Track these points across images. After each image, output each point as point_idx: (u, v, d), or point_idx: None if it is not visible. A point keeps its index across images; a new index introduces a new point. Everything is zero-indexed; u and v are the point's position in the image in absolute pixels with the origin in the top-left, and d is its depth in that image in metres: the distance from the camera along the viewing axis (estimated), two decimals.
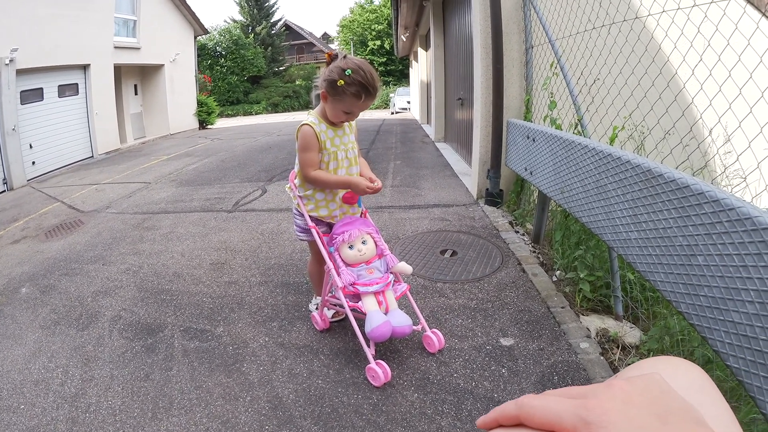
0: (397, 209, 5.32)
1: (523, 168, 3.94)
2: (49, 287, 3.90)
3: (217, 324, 3.05)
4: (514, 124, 4.28)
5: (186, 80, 18.63)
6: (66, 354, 2.85)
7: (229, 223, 5.26)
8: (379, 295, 2.42)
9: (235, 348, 2.77)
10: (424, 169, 7.59)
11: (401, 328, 2.33)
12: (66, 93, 11.68)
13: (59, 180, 9.65)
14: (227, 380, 2.50)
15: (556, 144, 3.10)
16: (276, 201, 6.10)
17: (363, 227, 2.55)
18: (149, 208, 6.28)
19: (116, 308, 3.41)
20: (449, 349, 2.61)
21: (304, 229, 2.68)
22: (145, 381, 2.55)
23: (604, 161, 2.39)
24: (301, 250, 4.18)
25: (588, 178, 2.58)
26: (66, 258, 4.61)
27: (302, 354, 2.65)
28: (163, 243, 4.76)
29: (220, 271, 3.90)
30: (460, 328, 2.82)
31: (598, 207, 2.47)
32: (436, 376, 2.40)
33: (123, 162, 11.06)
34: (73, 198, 7.53)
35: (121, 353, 2.83)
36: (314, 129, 2.39)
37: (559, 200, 3.09)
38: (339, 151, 2.48)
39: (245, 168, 8.74)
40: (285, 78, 40.72)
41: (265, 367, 2.56)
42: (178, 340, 2.92)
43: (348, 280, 2.40)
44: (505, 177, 4.91)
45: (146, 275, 3.96)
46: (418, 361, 2.52)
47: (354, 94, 2.22)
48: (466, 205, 5.29)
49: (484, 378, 2.36)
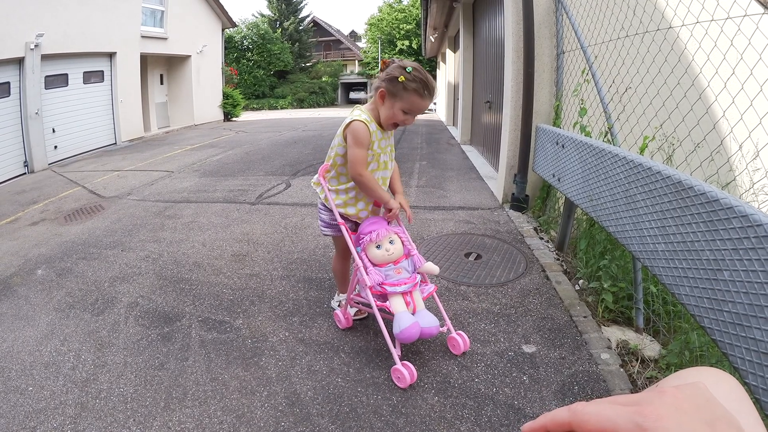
0: (422, 210, 5.25)
1: (551, 174, 3.89)
2: (66, 270, 3.92)
3: (236, 316, 3.01)
4: (543, 129, 4.22)
5: (212, 72, 18.80)
6: (79, 338, 2.85)
7: (252, 215, 5.24)
8: (406, 295, 2.37)
9: (253, 341, 2.72)
10: (449, 171, 7.52)
11: (429, 329, 2.28)
12: (91, 80, 11.85)
13: (81, 165, 9.79)
14: (244, 374, 2.45)
15: (585, 151, 3.05)
16: (300, 195, 6.07)
17: (390, 227, 2.51)
18: (171, 197, 6.31)
19: (133, 295, 3.40)
20: (471, 354, 2.54)
21: (329, 224, 2.62)
22: (160, 370, 2.52)
23: (634, 171, 2.37)
24: (324, 246, 4.14)
25: (617, 188, 2.57)
26: (84, 242, 4.63)
27: (322, 351, 2.60)
28: (184, 232, 4.76)
29: (241, 263, 3.87)
30: (483, 332, 2.75)
31: (626, 217, 2.45)
32: (457, 380, 2.34)
33: (146, 150, 11.19)
34: (94, 183, 7.62)
35: (137, 340, 2.81)
36: (368, 127, 2.36)
37: (587, 208, 3.04)
38: (383, 153, 2.47)
39: (269, 161, 8.75)
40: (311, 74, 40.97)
41: (284, 363, 2.51)
42: (195, 330, 2.89)
43: (376, 280, 2.35)
44: (531, 182, 4.88)
45: (165, 263, 3.95)
46: (440, 364, 2.45)
47: (415, 90, 2.24)
48: (492, 209, 5.20)
49: (505, 384, 2.29)
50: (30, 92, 9.51)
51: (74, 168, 9.47)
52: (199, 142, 12.21)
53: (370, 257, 2.45)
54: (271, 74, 37.34)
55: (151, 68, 15.62)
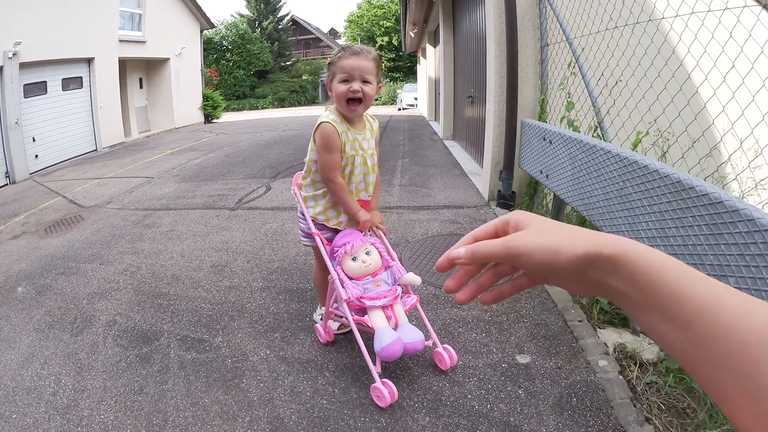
0: (406, 210, 5.09)
1: (539, 170, 3.76)
2: (45, 287, 3.73)
3: (215, 333, 2.85)
4: (529, 124, 4.08)
5: (192, 74, 18.44)
6: (59, 361, 2.70)
7: (232, 222, 5.05)
8: (387, 309, 2.21)
9: (234, 361, 2.56)
10: (432, 168, 7.35)
11: (413, 345, 2.13)
12: (70, 86, 11.50)
13: (62, 174, 9.47)
14: (225, 397, 2.30)
15: (575, 147, 2.92)
16: (280, 199, 5.88)
17: (365, 238, 2.36)
18: (151, 204, 6.09)
19: (111, 312, 3.23)
20: (463, 367, 2.40)
21: (307, 233, 2.47)
22: (139, 394, 2.38)
23: (629, 169, 2.24)
24: (305, 253, 3.97)
25: (610, 186, 2.43)
26: (64, 256, 4.43)
27: (306, 370, 2.44)
28: (163, 242, 4.56)
29: (220, 275, 3.69)
30: (474, 343, 2.61)
31: (621, 217, 2.33)
32: (449, 397, 2.20)
33: (127, 156, 10.87)
34: (74, 192, 7.34)
35: (115, 362, 2.66)
36: (336, 128, 2.20)
37: (578, 206, 2.91)
38: (357, 155, 2.29)
39: (250, 164, 8.53)
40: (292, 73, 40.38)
41: (266, 384, 2.36)
42: (174, 350, 2.73)
43: (354, 294, 2.19)
44: (517, 179, 4.69)
45: (144, 277, 3.76)
46: (429, 380, 2.31)
47: (339, 57, 2.17)
48: (477, 207, 5.06)
49: (499, 400, 2.16)
50: (9, 101, 9.19)
51: (55, 177, 9.15)
52: (180, 146, 11.89)
53: (346, 270, 2.28)
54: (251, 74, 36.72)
55: (130, 72, 15.22)
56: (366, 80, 2.15)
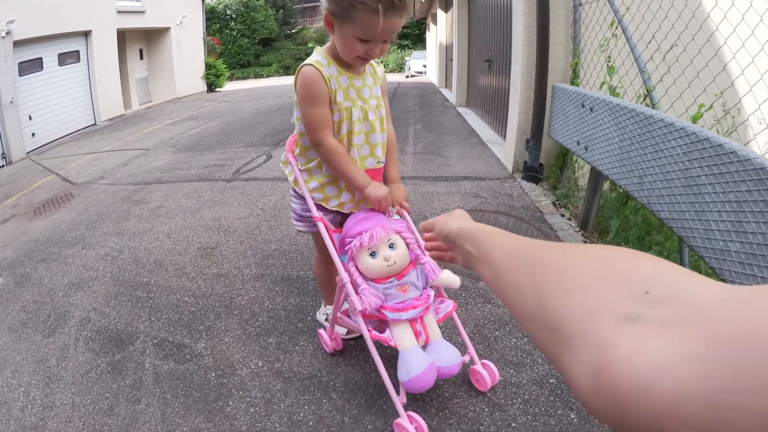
0: (422, 181, 4.47)
1: (575, 141, 3.20)
2: (24, 277, 3.28)
3: (198, 336, 2.31)
4: (562, 89, 3.48)
5: (193, 43, 17.66)
6: (29, 368, 2.30)
7: (227, 195, 4.47)
8: (416, 322, 1.61)
9: (218, 375, 2.02)
10: (447, 136, 6.64)
11: (448, 369, 1.57)
12: (67, 61, 10.85)
13: (59, 150, 8.90)
14: (206, 425, 1.78)
15: (625, 117, 2.45)
16: (281, 168, 5.26)
17: (388, 223, 1.67)
18: (143, 178, 5.53)
19: (86, 307, 2.76)
20: (504, 384, 1.85)
21: (302, 216, 1.88)
22: (109, 416, 1.92)
23: (697, 147, 1.88)
24: None
25: (672, 165, 2.06)
26: (48, 240, 3.95)
27: (307, 389, 1.88)
28: (150, 220, 4.01)
29: (208, 259, 3.13)
30: (514, 351, 2.05)
31: (686, 203, 1.98)
32: (489, 426, 1.66)
33: (125, 128, 10.24)
34: (68, 169, 6.80)
35: (85, 372, 2.21)
36: (321, 72, 1.56)
37: (628, 186, 2.46)
38: (355, 107, 1.65)
39: (251, 131, 7.90)
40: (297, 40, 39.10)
41: (257, 409, 1.81)
42: (149, 359, 2.21)
43: (372, 303, 1.57)
44: (545, 149, 4.15)
45: (125, 263, 3.24)
46: (464, 404, 1.76)
47: (366, 5, 1.36)
48: (501, 180, 4.42)
49: (549, 428, 1.64)
50: (3, 81, 8.60)
51: (51, 154, 8.59)
52: (180, 116, 11.23)
53: (362, 269, 1.65)
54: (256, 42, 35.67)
55: (130, 44, 14.47)
56: None
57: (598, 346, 0.32)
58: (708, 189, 1.83)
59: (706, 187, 1.83)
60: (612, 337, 0.31)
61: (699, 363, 0.25)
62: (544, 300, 0.40)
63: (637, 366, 0.28)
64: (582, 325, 0.34)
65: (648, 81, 2.66)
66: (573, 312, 0.36)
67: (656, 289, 0.32)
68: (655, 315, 0.30)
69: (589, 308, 0.35)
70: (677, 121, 2.01)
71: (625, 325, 0.31)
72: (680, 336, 0.27)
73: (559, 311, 0.37)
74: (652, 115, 2.19)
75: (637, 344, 0.29)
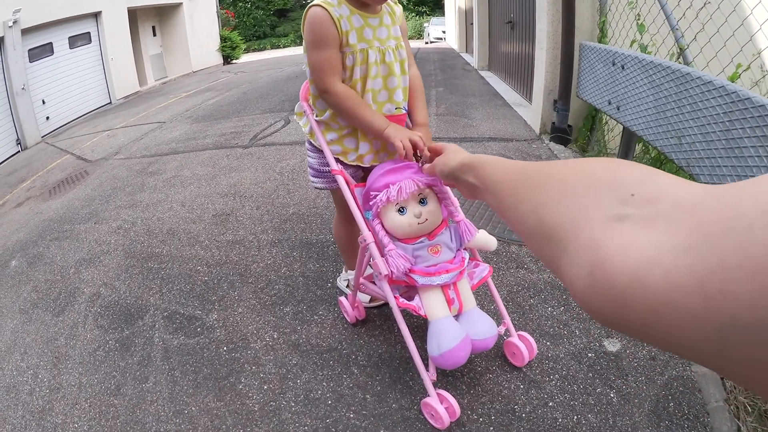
0: (447, 141, 4.17)
1: (605, 101, 3.07)
2: (37, 257, 3.16)
3: (210, 308, 2.11)
4: (590, 47, 3.34)
5: (207, 17, 17.36)
6: (38, 349, 2.19)
7: (243, 161, 4.25)
8: (448, 288, 1.36)
9: (230, 349, 1.82)
10: (471, 98, 6.30)
11: (483, 342, 1.35)
12: (78, 43, 10.68)
13: (74, 131, 8.80)
14: (217, 404, 1.59)
15: (660, 75, 2.31)
16: (300, 132, 5.01)
17: (419, 175, 1.40)
18: (158, 150, 5.35)
19: (96, 283, 2.62)
20: (540, 358, 1.63)
21: (319, 171, 1.64)
22: (116, 396, 1.79)
23: (738, 107, 1.76)
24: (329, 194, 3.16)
25: (712, 125, 1.95)
26: (61, 218, 3.82)
27: (326, 364, 1.67)
28: (164, 190, 3.83)
29: (223, 226, 2.92)
30: (550, 321, 1.80)
31: (727, 166, 1.87)
32: (524, 406, 1.45)
33: (140, 104, 10.08)
34: (82, 148, 6.67)
35: (93, 350, 2.09)
36: (329, 12, 1.35)
37: (663, 147, 2.35)
38: (371, 48, 1.42)
39: (268, 98, 7.64)
40: None
41: (271, 386, 1.60)
42: (158, 333, 2.05)
43: (400, 266, 1.32)
44: (573, 110, 3.92)
45: (137, 234, 3.08)
46: (498, 380, 1.54)
47: None
48: (528, 141, 4.14)
49: (588, 408, 1.44)
50: (14, 69, 8.50)
51: (66, 135, 8.50)
52: (196, 88, 11.00)
53: (388, 227, 1.40)
54: (271, 14, 35.27)
55: (142, 21, 14.24)
56: None
57: (590, 247, 0.33)
58: (751, 152, 1.71)
59: (749, 150, 1.72)
60: (602, 237, 0.32)
61: (685, 253, 0.26)
62: (539, 214, 0.41)
63: (627, 260, 0.29)
64: (574, 230, 0.35)
65: (681, 39, 2.49)
66: (565, 220, 0.37)
67: (641, 191, 0.33)
68: (641, 213, 0.31)
69: (579, 214, 0.36)
70: (716, 79, 1.87)
71: (614, 225, 0.32)
72: (665, 230, 0.28)
73: (553, 221, 0.39)
74: (689, 72, 2.04)
75: (626, 240, 0.30)
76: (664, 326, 0.26)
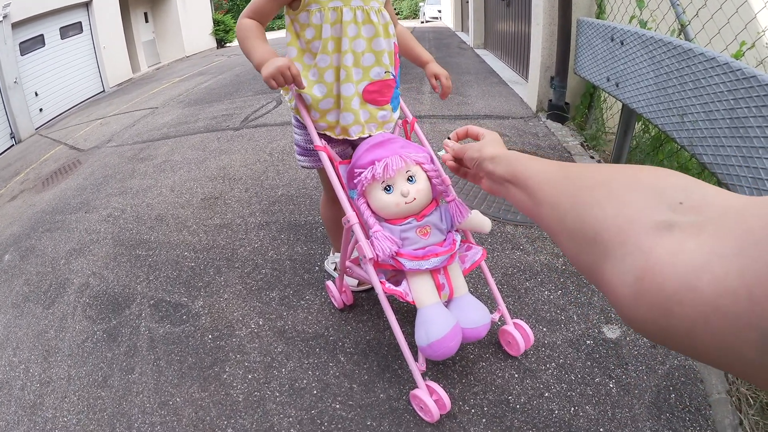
0: (440, 119, 4.08)
1: (604, 77, 3.01)
2: (29, 250, 3.11)
3: (196, 294, 2.05)
4: (588, 23, 3.27)
5: (200, 1, 17.07)
6: (29, 343, 2.18)
7: (234, 143, 4.16)
8: (438, 273, 1.28)
9: (215, 337, 1.76)
10: (466, 75, 6.18)
11: (475, 331, 1.28)
12: (69, 34, 10.49)
13: (67, 121, 8.68)
14: (201, 395, 1.54)
15: (661, 51, 2.24)
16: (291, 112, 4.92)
17: (408, 150, 1.32)
18: (150, 136, 5.25)
19: (86, 273, 2.57)
20: (536, 345, 1.57)
21: (306, 149, 1.56)
22: (103, 388, 1.76)
23: (743, 84, 1.70)
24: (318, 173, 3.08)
25: (715, 103, 1.87)
26: (53, 209, 3.75)
27: (312, 351, 1.60)
28: (154, 176, 3.75)
29: (211, 210, 2.84)
30: (547, 306, 1.73)
31: (732, 146, 1.81)
32: (519, 396, 1.38)
33: (133, 91, 9.94)
34: (75, 138, 6.58)
35: (81, 342, 2.06)
36: None
37: (665, 125, 2.27)
38: (346, 6, 1.30)
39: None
40: None
41: (256, 375, 1.55)
42: (145, 322, 2.00)
43: (386, 249, 1.23)
44: (570, 88, 3.84)
45: (126, 222, 3.01)
46: (491, 369, 1.47)
47: None
48: (525, 119, 4.03)
49: (586, 399, 1.37)
50: (5, 63, 8.36)
51: (60, 126, 8.39)
52: (189, 72, 10.82)
53: (374, 207, 1.32)
54: None
55: (134, 8, 13.98)
56: None
57: (639, 253, 0.32)
58: (756, 132, 1.65)
59: (755, 130, 1.66)
60: (652, 243, 0.31)
61: (734, 259, 0.25)
62: (582, 214, 0.41)
63: (677, 266, 0.28)
64: (622, 235, 0.34)
65: (682, 15, 2.43)
66: (612, 223, 0.36)
67: (688, 199, 0.33)
68: (690, 221, 0.31)
69: (627, 218, 0.35)
70: (720, 55, 1.81)
71: (664, 232, 0.31)
72: (714, 236, 0.28)
73: (597, 224, 0.38)
74: (692, 48, 1.97)
75: (677, 247, 0.30)
76: (709, 333, 0.26)
